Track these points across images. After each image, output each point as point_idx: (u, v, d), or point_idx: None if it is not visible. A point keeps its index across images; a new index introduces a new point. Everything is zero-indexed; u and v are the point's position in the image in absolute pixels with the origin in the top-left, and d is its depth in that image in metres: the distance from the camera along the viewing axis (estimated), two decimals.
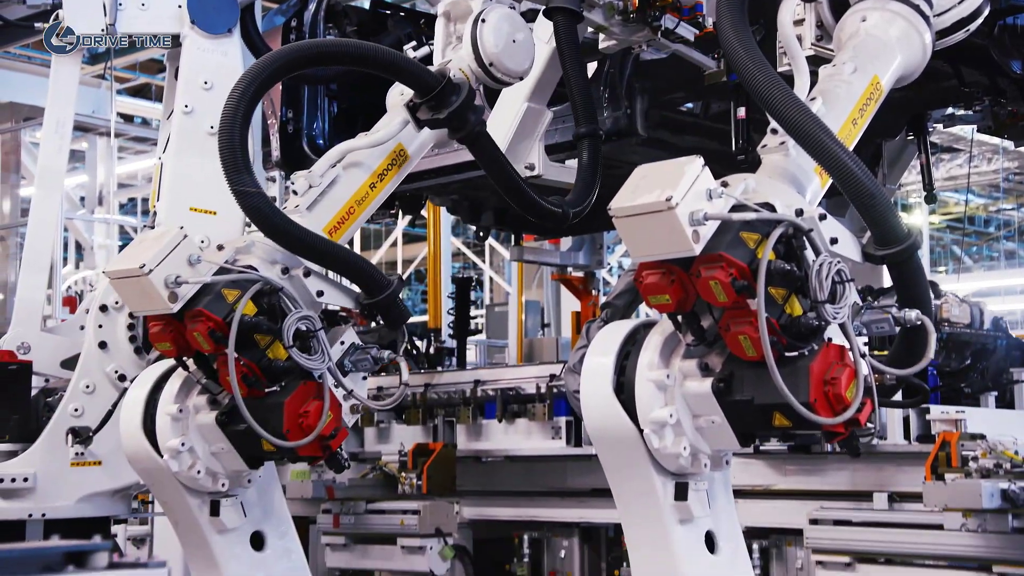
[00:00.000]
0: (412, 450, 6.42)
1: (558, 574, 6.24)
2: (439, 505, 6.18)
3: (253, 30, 5.96)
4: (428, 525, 6.09)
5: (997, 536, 4.55)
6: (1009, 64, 5.17)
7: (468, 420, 6.50)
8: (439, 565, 6.11)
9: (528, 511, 6.26)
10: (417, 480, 6.30)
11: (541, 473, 6.40)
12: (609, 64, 6.29)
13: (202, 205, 5.35)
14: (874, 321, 3.43)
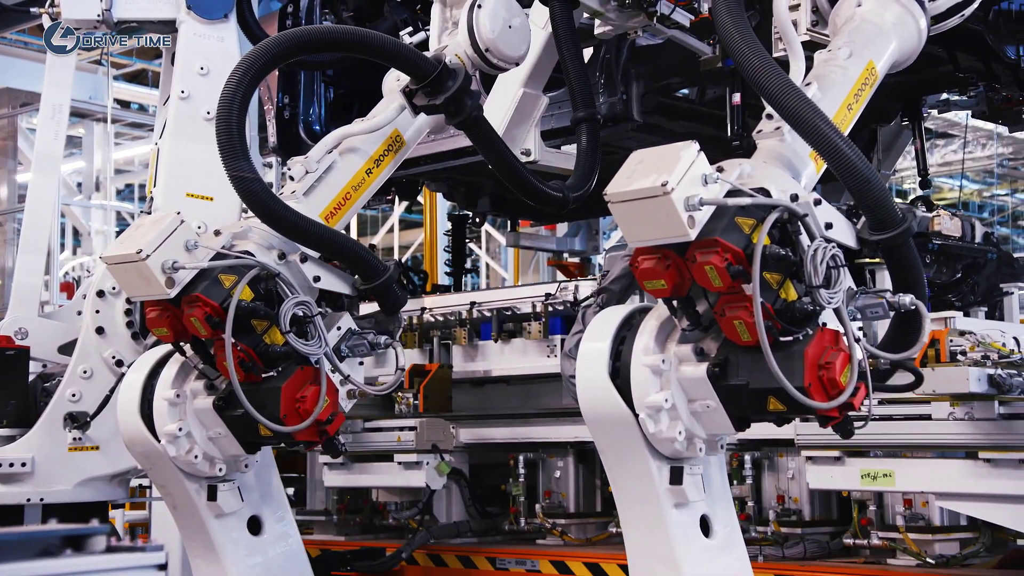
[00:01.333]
0: (408, 370, 6.46)
1: (553, 494, 6.29)
2: (435, 422, 6.23)
3: (249, 15, 5.94)
4: (424, 441, 6.14)
5: (984, 423, 4.59)
6: (1004, 49, 5.17)
7: (464, 341, 6.54)
8: (435, 480, 6.16)
9: (523, 431, 6.31)
10: (414, 400, 6.36)
11: (537, 394, 6.42)
12: (605, 50, 6.29)
13: (199, 191, 5.36)
14: (868, 306, 3.44)
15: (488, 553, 6.20)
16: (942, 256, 5.67)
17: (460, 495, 6.63)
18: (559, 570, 5.92)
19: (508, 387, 6.58)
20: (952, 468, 4.65)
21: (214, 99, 4.16)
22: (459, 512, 6.66)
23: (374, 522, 6.93)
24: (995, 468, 4.55)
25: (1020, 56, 5.21)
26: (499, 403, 6.60)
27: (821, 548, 5.38)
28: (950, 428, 4.64)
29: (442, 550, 6.35)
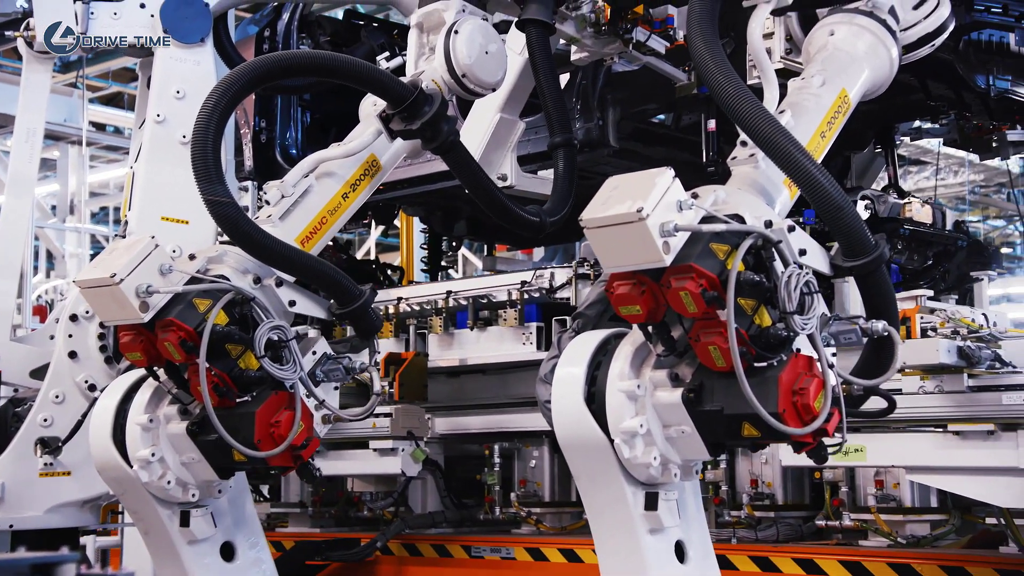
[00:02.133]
0: (384, 359, 6.45)
1: (528, 483, 6.30)
2: (411, 408, 6.22)
3: (226, 39, 5.94)
4: (400, 427, 6.12)
5: (953, 396, 4.64)
6: (974, 79, 5.24)
7: (440, 330, 6.53)
8: (411, 467, 6.14)
9: (498, 420, 6.31)
10: (389, 388, 6.34)
11: (513, 383, 6.42)
12: (581, 76, 6.33)
13: (174, 214, 5.34)
14: (842, 332, 3.46)
15: (463, 541, 6.22)
16: (913, 242, 5.77)
17: (435, 486, 6.64)
18: (534, 557, 5.94)
19: (484, 377, 6.59)
20: (922, 442, 4.70)
21: (190, 123, 4.15)
22: (434, 503, 6.68)
23: (349, 514, 6.92)
24: (964, 440, 4.61)
25: (990, 85, 5.28)
26: (475, 393, 6.60)
27: (794, 531, 5.46)
28: (921, 402, 4.70)
29: (417, 540, 6.37)
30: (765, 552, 5.24)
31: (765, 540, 5.37)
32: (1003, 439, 4.54)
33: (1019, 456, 4.49)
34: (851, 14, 4.06)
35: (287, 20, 7.36)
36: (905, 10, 4.15)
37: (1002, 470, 4.54)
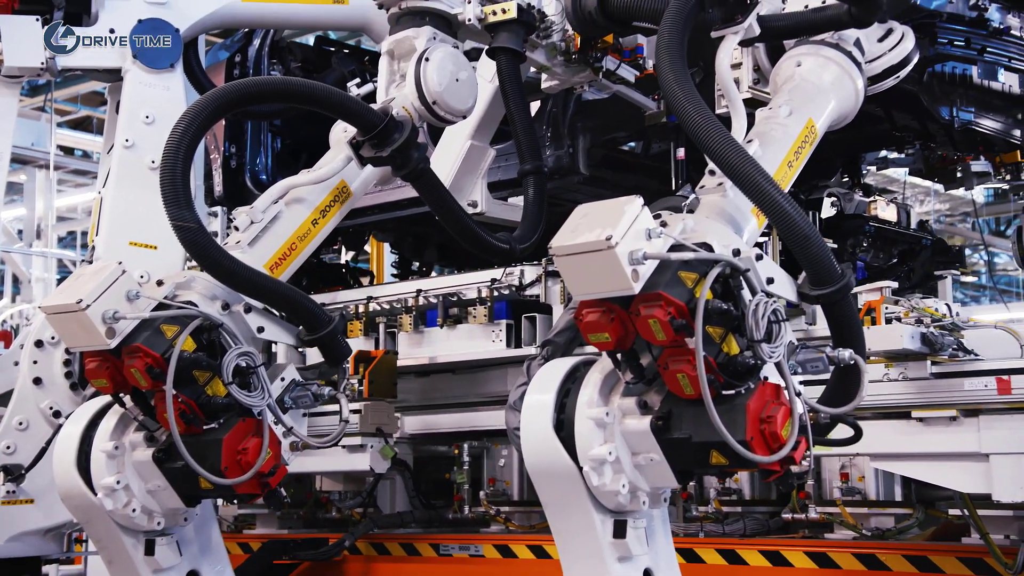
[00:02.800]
0: (354, 357, 6.39)
1: (497, 482, 6.30)
2: (380, 405, 6.19)
3: (196, 65, 5.94)
4: (369, 424, 6.10)
5: (916, 383, 4.68)
6: (938, 110, 5.30)
7: (410, 328, 6.53)
8: (380, 464, 6.11)
9: (467, 419, 6.31)
10: (358, 385, 6.31)
11: (482, 382, 6.43)
12: (552, 103, 6.36)
13: (142, 239, 5.31)
14: (809, 360, 3.48)
15: (431, 540, 6.20)
16: (878, 240, 5.84)
17: (404, 486, 6.62)
18: (503, 554, 5.93)
19: (454, 376, 6.59)
20: (886, 429, 4.74)
21: (159, 148, 4.14)
22: (403, 504, 6.67)
23: (317, 515, 6.87)
24: (926, 427, 4.67)
25: (953, 117, 5.35)
26: (444, 392, 6.60)
27: (760, 525, 5.50)
28: (885, 389, 4.74)
29: (385, 539, 6.35)
30: (732, 545, 5.30)
31: (732, 534, 5.42)
32: (965, 425, 4.60)
33: (980, 441, 4.55)
34: (818, 46, 4.11)
35: (258, 46, 7.37)
36: (870, 42, 4.20)
37: (963, 455, 4.60)
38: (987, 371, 4.58)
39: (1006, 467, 4.47)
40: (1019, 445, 4.45)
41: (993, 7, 5.29)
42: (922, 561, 4.84)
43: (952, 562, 4.80)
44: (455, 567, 6.06)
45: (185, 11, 5.58)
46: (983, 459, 4.54)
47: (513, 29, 4.60)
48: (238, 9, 5.80)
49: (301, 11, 5.94)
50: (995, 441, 4.51)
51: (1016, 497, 4.45)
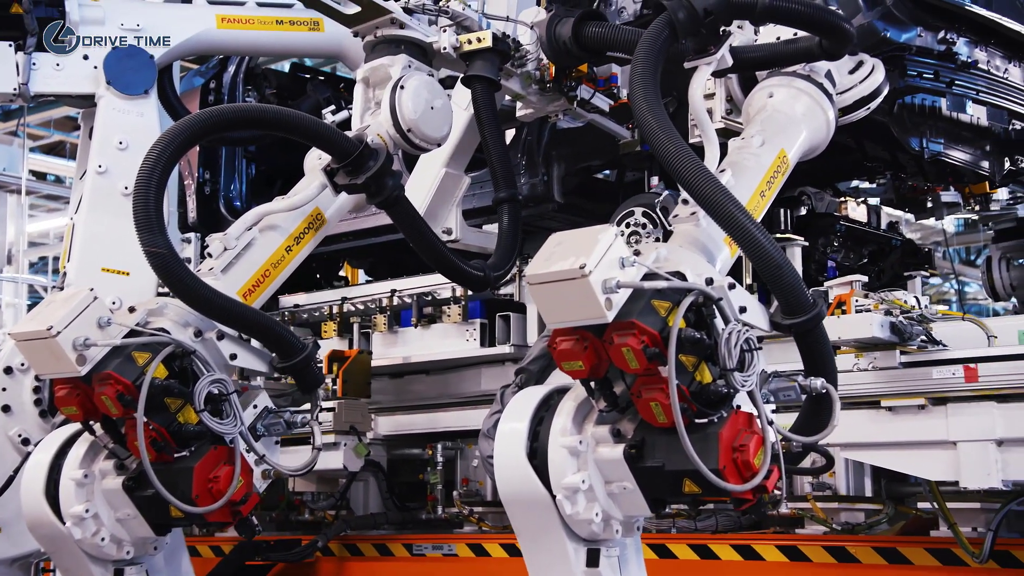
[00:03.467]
0: (328, 356, 6.41)
1: (471, 482, 6.29)
2: (354, 403, 6.17)
3: (171, 91, 5.93)
4: (343, 422, 6.08)
5: (885, 372, 4.74)
6: (908, 141, 5.36)
7: (384, 328, 6.52)
8: (353, 462, 6.08)
9: (441, 419, 6.33)
10: (332, 384, 6.29)
11: (456, 383, 6.44)
12: (526, 131, 6.39)
13: (114, 266, 5.28)
14: (781, 389, 3.50)
15: (405, 540, 6.18)
16: (848, 240, 5.88)
17: (377, 488, 6.59)
18: (476, 553, 5.92)
19: (427, 377, 6.59)
20: (856, 418, 4.78)
21: (132, 174, 4.12)
22: (376, 506, 6.63)
23: (290, 518, 6.81)
24: (895, 415, 4.72)
25: (923, 148, 5.41)
26: (418, 393, 6.61)
27: (732, 521, 5.49)
28: (855, 379, 4.80)
29: (358, 539, 6.32)
30: (704, 540, 5.32)
31: (704, 530, 5.44)
32: (933, 413, 4.66)
33: (948, 429, 4.61)
34: (789, 77, 4.15)
35: (233, 72, 7.37)
36: (841, 74, 4.25)
37: (932, 443, 4.66)
38: (955, 360, 4.65)
39: (973, 454, 4.53)
40: (986, 432, 4.53)
41: (961, 41, 5.37)
42: (891, 553, 4.91)
43: (921, 553, 4.86)
44: (428, 566, 6.06)
45: (159, 38, 5.57)
46: (951, 447, 4.60)
47: (488, 58, 4.62)
48: (213, 36, 5.80)
49: (277, 39, 5.95)
50: (963, 429, 4.58)
51: (983, 483, 4.52)
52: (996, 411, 4.51)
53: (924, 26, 5.28)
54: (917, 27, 5.27)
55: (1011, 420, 4.48)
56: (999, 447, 4.49)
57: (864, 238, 5.99)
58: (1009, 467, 4.48)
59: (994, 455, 4.49)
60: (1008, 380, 4.49)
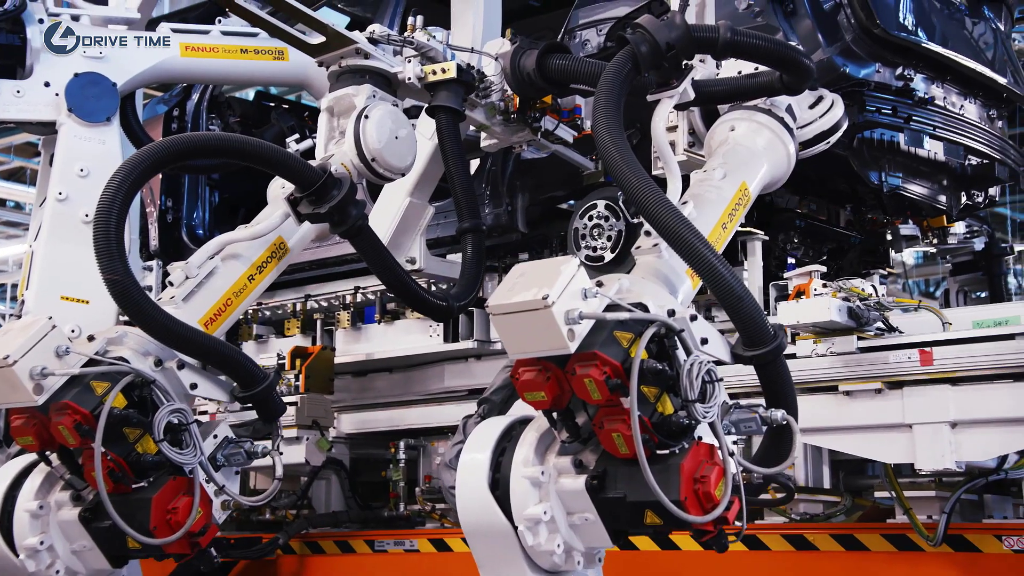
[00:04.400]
0: (291, 352, 6.39)
1: (433, 479, 6.26)
2: (316, 398, 6.16)
3: (133, 118, 5.89)
4: (305, 416, 6.06)
5: (843, 357, 4.82)
6: (868, 174, 5.44)
7: (347, 324, 6.49)
8: (315, 456, 6.06)
9: (403, 416, 6.33)
10: (295, 380, 6.27)
11: (419, 380, 6.45)
12: (491, 161, 6.41)
13: (74, 294, 5.20)
14: (742, 420, 3.52)
15: (366, 536, 6.16)
16: (808, 236, 5.93)
17: (339, 487, 6.55)
18: (438, 548, 5.89)
19: (391, 375, 6.58)
20: (814, 403, 4.85)
21: (93, 201, 4.09)
22: (338, 504, 6.58)
23: (250, 517, 6.73)
24: (853, 400, 4.79)
25: (882, 181, 5.49)
26: (381, 391, 6.60)
27: None
28: (813, 364, 4.87)
29: (319, 537, 6.28)
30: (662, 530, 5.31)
31: None
32: (889, 397, 4.73)
33: (903, 412, 4.69)
34: (751, 111, 4.20)
35: (197, 100, 7.35)
36: (802, 109, 4.31)
37: (888, 427, 4.73)
38: (910, 344, 4.73)
39: (928, 436, 4.61)
40: (940, 415, 4.61)
41: (918, 78, 5.46)
42: (848, 539, 4.97)
43: (877, 539, 4.93)
44: (390, 561, 6.04)
45: (123, 65, 5.54)
46: (906, 430, 4.68)
47: (453, 88, 4.64)
48: (177, 64, 5.77)
49: (241, 67, 5.93)
50: (918, 411, 4.66)
51: (937, 465, 4.59)
52: (950, 394, 4.61)
53: (882, 62, 5.36)
54: (875, 63, 5.35)
55: (964, 403, 4.58)
56: (953, 429, 4.58)
57: (824, 235, 6.06)
58: (962, 448, 4.57)
59: (948, 437, 4.57)
60: (962, 363, 4.59)
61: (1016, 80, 6.11)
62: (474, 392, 6.15)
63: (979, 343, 4.58)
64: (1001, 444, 4.59)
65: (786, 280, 5.19)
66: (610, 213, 5.30)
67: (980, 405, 4.54)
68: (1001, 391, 4.51)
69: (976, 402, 4.55)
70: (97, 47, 5.51)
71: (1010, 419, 4.50)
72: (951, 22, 5.84)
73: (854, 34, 5.28)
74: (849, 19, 5.29)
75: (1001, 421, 4.52)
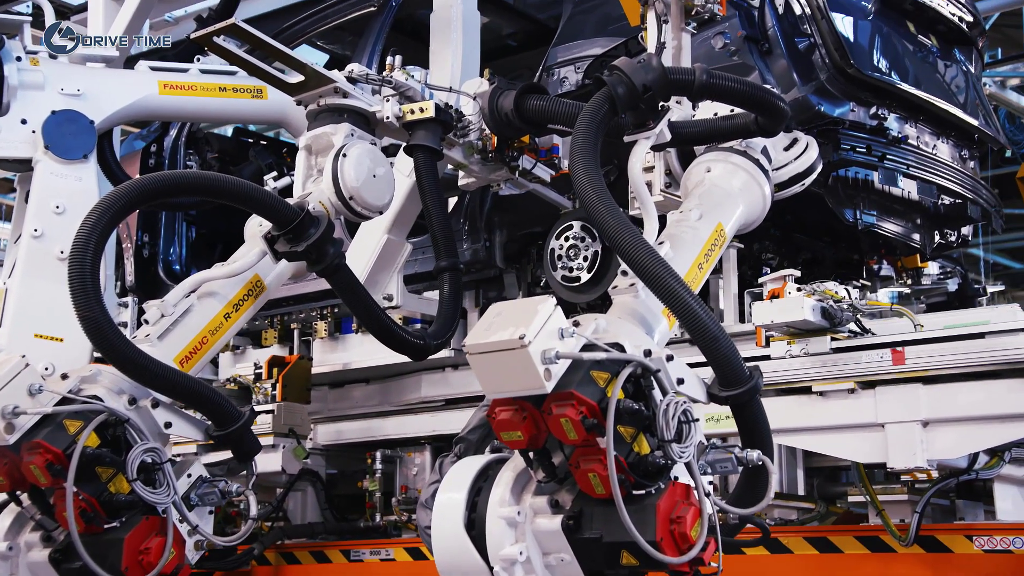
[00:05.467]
0: (268, 361, 6.37)
1: (410, 489, 6.25)
2: (292, 406, 6.14)
3: (110, 155, 5.88)
4: (282, 424, 6.04)
5: (817, 358, 4.86)
6: (843, 212, 5.48)
7: (325, 334, 6.48)
8: (292, 464, 6.04)
9: (380, 426, 6.32)
10: (272, 390, 6.24)
11: (397, 390, 6.41)
12: (469, 197, 6.43)
13: (48, 331, 5.15)
14: (718, 460, 3.52)
15: (342, 546, 6.12)
16: (783, 247, 5.97)
17: (315, 498, 6.51)
18: (414, 557, 5.84)
19: (367, 386, 6.56)
20: (788, 404, 4.89)
21: (68, 238, 4.08)
22: (314, 515, 6.54)
23: (225, 530, 6.65)
24: (826, 400, 4.83)
25: (857, 219, 5.54)
26: (358, 401, 6.58)
27: None
28: (787, 365, 4.91)
29: (295, 547, 6.23)
30: None
31: None
32: (862, 396, 4.77)
33: (876, 412, 4.72)
34: (727, 152, 4.23)
35: (174, 136, 7.34)
36: (777, 150, 4.34)
37: (860, 426, 4.77)
38: (883, 344, 4.78)
39: (900, 435, 4.65)
40: (912, 414, 4.65)
41: (892, 117, 5.52)
42: (822, 542, 4.98)
43: (850, 542, 4.95)
44: (366, 570, 6.01)
45: (100, 103, 5.52)
46: (879, 429, 4.72)
47: (431, 128, 4.66)
48: (155, 102, 5.76)
49: (219, 105, 5.93)
50: (890, 411, 4.70)
51: (909, 463, 4.62)
52: (922, 392, 4.65)
53: (857, 101, 5.42)
54: (850, 102, 5.41)
55: (935, 401, 4.63)
56: (924, 428, 4.63)
57: (799, 245, 6.10)
58: (933, 447, 4.62)
59: (919, 436, 4.62)
60: (933, 362, 4.65)
61: (987, 122, 6.19)
62: (451, 402, 6.17)
63: (950, 342, 4.64)
64: (972, 442, 4.65)
65: (761, 286, 5.23)
66: (586, 234, 5.33)
67: (951, 404, 4.61)
68: (971, 389, 4.57)
69: (947, 401, 4.61)
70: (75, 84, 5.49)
71: (980, 417, 4.57)
72: (924, 64, 5.92)
73: (829, 73, 5.34)
74: (824, 59, 5.36)
75: (972, 419, 4.59)
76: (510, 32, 7.64)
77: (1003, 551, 4.57)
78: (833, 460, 5.29)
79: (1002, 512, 4.99)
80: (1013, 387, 4.50)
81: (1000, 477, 5.00)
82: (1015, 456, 5.00)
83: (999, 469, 4.95)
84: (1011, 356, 4.49)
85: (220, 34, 4.29)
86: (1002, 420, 4.55)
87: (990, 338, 4.57)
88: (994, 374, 4.55)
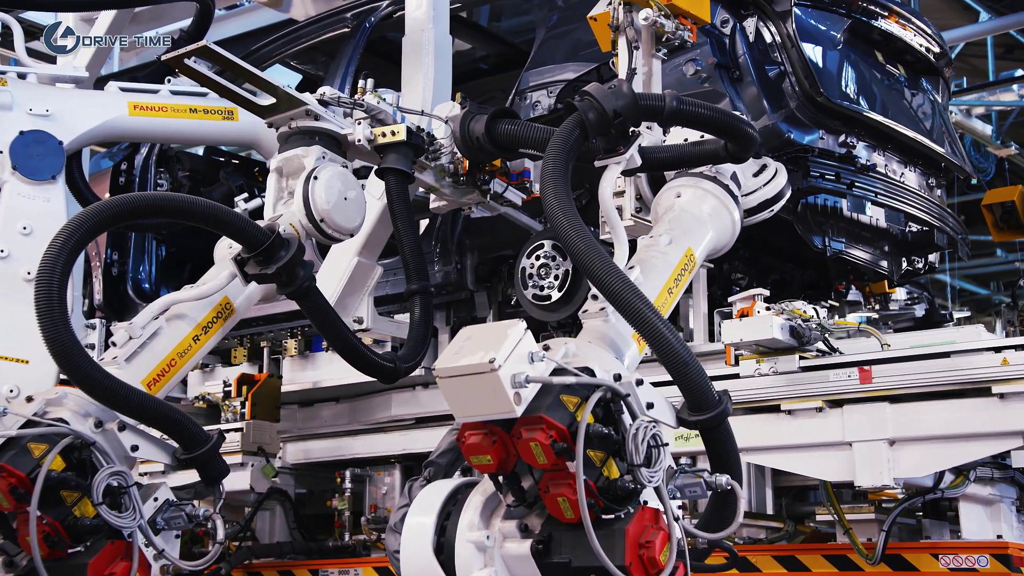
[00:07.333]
0: (237, 379, 6.34)
1: (379, 508, 6.22)
2: (262, 424, 6.11)
3: (79, 175, 5.84)
4: (250, 442, 6.02)
5: (785, 376, 4.93)
6: (812, 239, 5.53)
7: (295, 352, 6.46)
8: (260, 483, 6.01)
9: (349, 445, 6.32)
10: (241, 408, 6.21)
11: (366, 409, 6.40)
12: (440, 219, 6.44)
13: (13, 353, 5.10)
14: (687, 485, 3.53)
15: (310, 566, 6.09)
16: (753, 268, 6.02)
17: (284, 518, 6.47)
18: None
19: (337, 405, 6.54)
20: (757, 422, 4.94)
21: (36, 259, 4.05)
22: (282, 535, 6.49)
23: (192, 550, 6.57)
24: (794, 418, 4.89)
25: (826, 245, 5.58)
26: (327, 421, 6.57)
27: None
28: (756, 384, 4.97)
29: (263, 567, 6.19)
30: None
31: None
32: (830, 415, 4.82)
33: (844, 430, 4.77)
34: (697, 178, 4.26)
35: (145, 155, 7.31)
36: (746, 176, 4.38)
37: (828, 445, 4.82)
38: (850, 363, 4.84)
39: (867, 454, 4.70)
40: (879, 432, 4.70)
41: (861, 145, 5.58)
42: (791, 561, 5.02)
43: (819, 560, 4.99)
44: None
45: (69, 124, 5.49)
46: (847, 447, 4.76)
47: (402, 151, 4.66)
48: (125, 123, 5.74)
49: (190, 127, 5.92)
50: (857, 429, 4.75)
51: (876, 482, 4.67)
52: (889, 411, 4.70)
53: (826, 129, 5.48)
54: (819, 130, 5.47)
55: (902, 420, 4.69)
56: (891, 446, 4.68)
57: (768, 266, 6.15)
58: (899, 466, 4.67)
59: (886, 454, 4.67)
60: (900, 380, 4.71)
61: (953, 150, 6.27)
62: (421, 421, 6.17)
63: (916, 361, 4.71)
64: (937, 461, 4.70)
65: (731, 305, 5.27)
66: (557, 253, 5.34)
67: (917, 423, 4.66)
68: (937, 409, 4.63)
69: (913, 420, 4.67)
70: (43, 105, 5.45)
71: (945, 436, 4.62)
72: (892, 93, 5.99)
73: (798, 101, 5.40)
74: (794, 87, 5.42)
75: (937, 438, 4.64)
76: (483, 55, 7.68)
77: (968, 569, 4.63)
78: (801, 479, 5.34)
79: (967, 531, 5.04)
80: (978, 406, 4.56)
81: (965, 496, 5.05)
82: (979, 475, 5.05)
83: (964, 488, 5.00)
84: (976, 375, 4.55)
85: (191, 55, 4.28)
86: (967, 439, 4.61)
87: (955, 357, 4.64)
88: (959, 393, 4.61)
